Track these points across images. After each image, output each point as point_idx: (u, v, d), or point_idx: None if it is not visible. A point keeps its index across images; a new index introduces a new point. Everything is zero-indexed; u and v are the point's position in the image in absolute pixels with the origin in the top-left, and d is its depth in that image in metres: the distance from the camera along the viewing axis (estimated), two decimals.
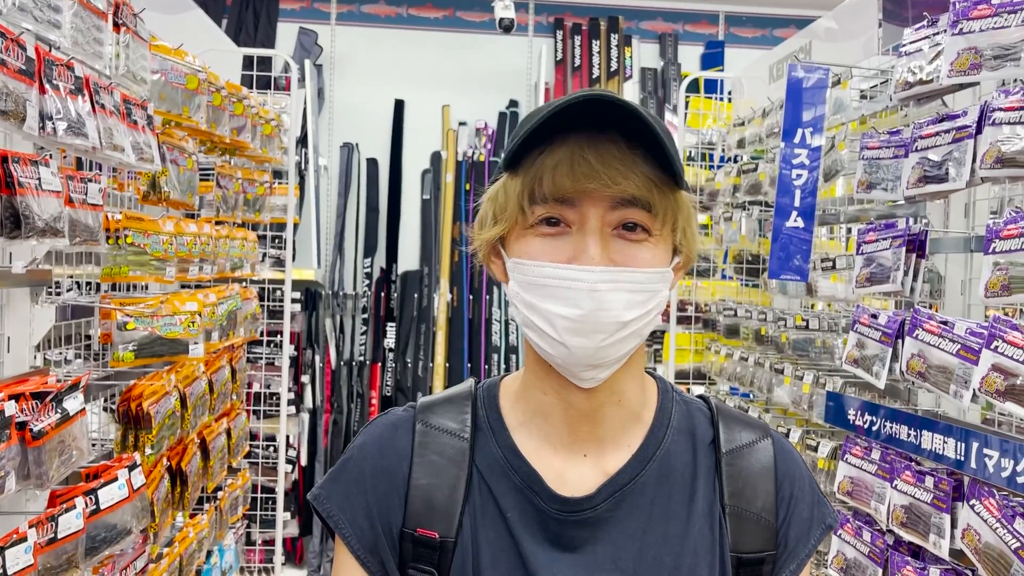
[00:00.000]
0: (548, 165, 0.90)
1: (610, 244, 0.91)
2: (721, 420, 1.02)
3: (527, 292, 0.93)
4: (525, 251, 0.93)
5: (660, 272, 0.93)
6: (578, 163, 0.88)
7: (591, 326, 0.90)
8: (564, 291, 0.90)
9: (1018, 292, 1.62)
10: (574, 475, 0.98)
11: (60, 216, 1.56)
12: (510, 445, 0.99)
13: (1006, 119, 1.70)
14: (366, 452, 1.02)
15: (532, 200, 0.91)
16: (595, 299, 0.89)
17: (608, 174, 0.88)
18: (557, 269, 0.90)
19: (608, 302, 0.89)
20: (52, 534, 1.55)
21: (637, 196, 0.89)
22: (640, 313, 0.91)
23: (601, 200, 0.90)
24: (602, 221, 0.90)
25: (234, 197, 2.97)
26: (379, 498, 0.99)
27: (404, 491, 0.98)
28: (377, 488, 1.00)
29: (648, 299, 0.92)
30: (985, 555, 1.66)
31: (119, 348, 2.06)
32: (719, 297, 3.79)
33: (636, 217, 0.91)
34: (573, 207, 0.90)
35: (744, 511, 0.98)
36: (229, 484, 3.11)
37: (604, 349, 0.91)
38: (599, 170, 0.88)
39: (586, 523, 0.96)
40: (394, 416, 1.05)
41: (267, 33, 5.33)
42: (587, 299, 0.89)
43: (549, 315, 0.91)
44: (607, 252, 0.90)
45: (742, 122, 3.41)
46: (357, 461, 1.02)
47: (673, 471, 0.99)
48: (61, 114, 1.52)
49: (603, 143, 0.88)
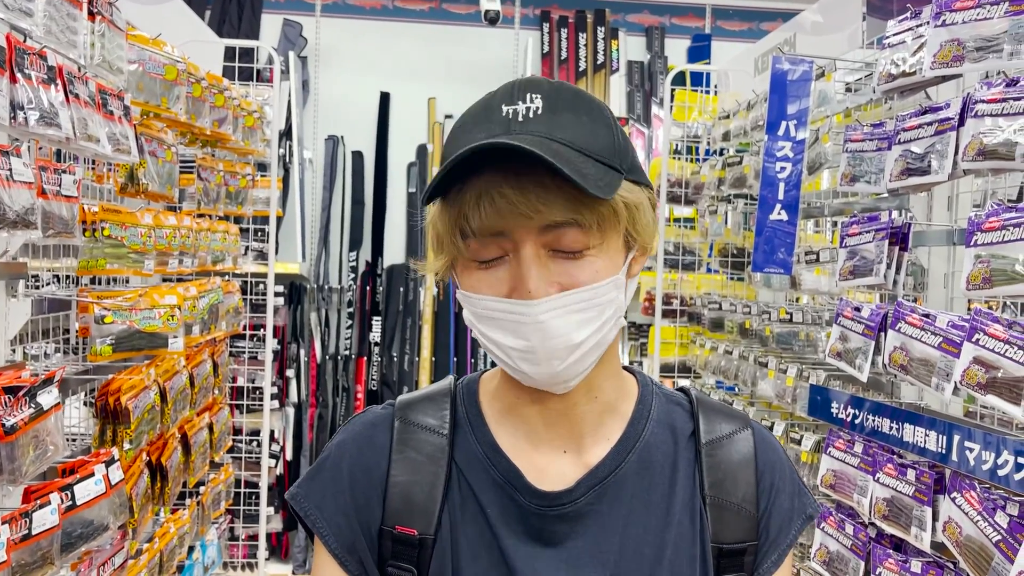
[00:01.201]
0: (469, 202, 0.88)
1: (549, 266, 0.89)
2: (701, 411, 1.02)
3: (478, 322, 0.92)
4: (469, 283, 0.92)
5: (610, 281, 0.91)
6: (497, 198, 0.86)
7: (543, 355, 0.89)
8: (510, 324, 0.89)
9: (999, 285, 1.62)
10: (554, 470, 0.97)
11: (33, 208, 1.53)
12: (489, 441, 0.99)
13: (988, 111, 1.69)
14: (344, 450, 1.01)
15: (463, 236, 0.89)
16: (541, 330, 0.88)
17: (528, 204, 0.86)
18: (500, 303, 0.89)
19: (555, 330, 0.88)
20: (26, 530, 1.53)
21: (562, 220, 0.87)
22: (594, 328, 0.90)
23: (529, 229, 0.88)
24: (536, 246, 0.88)
25: (216, 190, 2.95)
26: (357, 496, 0.98)
27: (383, 489, 0.97)
28: (355, 486, 0.99)
29: (600, 313, 0.90)
30: (966, 548, 1.66)
31: (97, 342, 2.03)
32: (704, 291, 3.79)
33: (569, 239, 0.88)
34: (505, 237, 0.89)
35: (725, 501, 0.98)
36: (212, 479, 3.09)
37: (564, 371, 0.90)
38: (517, 202, 0.86)
39: (566, 517, 0.95)
40: (372, 414, 1.04)
41: (251, 24, 5.28)
42: (533, 332, 0.88)
43: (501, 346, 0.90)
44: (547, 276, 0.88)
45: (727, 115, 3.40)
46: (335, 459, 1.01)
47: (653, 463, 0.98)
48: (33, 104, 1.50)
49: (521, 170, 0.86)
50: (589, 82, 5.47)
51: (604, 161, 0.89)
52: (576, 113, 0.90)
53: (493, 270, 0.90)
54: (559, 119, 0.89)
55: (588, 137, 0.89)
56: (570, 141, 0.87)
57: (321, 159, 5.37)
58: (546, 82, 0.92)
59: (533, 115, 0.88)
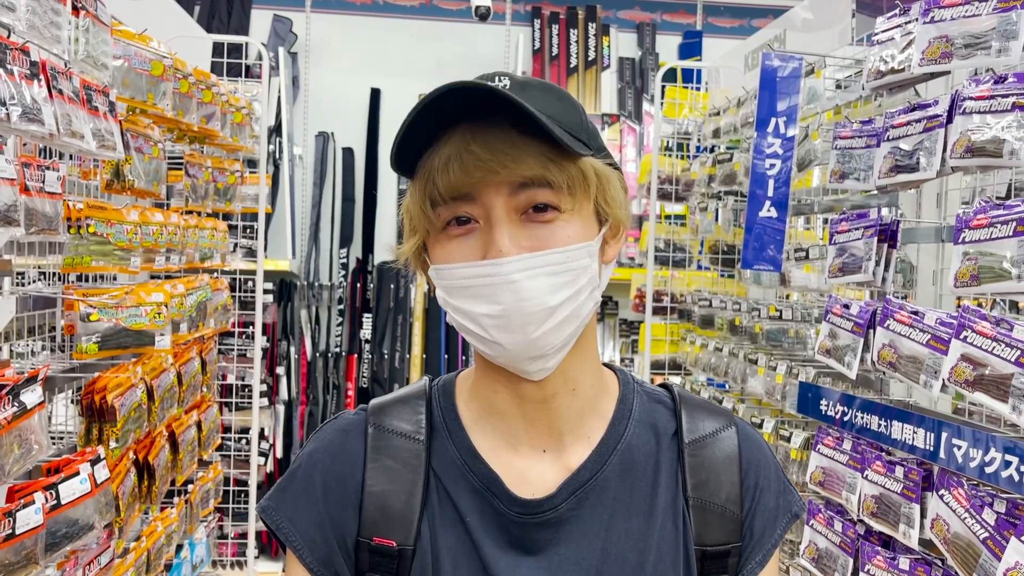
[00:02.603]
0: (438, 165, 0.87)
1: (521, 230, 0.87)
2: (684, 409, 1.00)
3: (451, 296, 0.90)
4: (441, 256, 0.90)
5: (584, 247, 0.89)
6: (465, 156, 0.85)
7: (518, 320, 0.86)
8: (483, 288, 0.87)
9: (987, 282, 1.62)
10: (534, 474, 0.95)
11: (15, 205, 1.52)
12: (467, 445, 0.96)
13: (976, 108, 1.69)
14: (316, 460, 0.98)
15: (433, 203, 0.88)
16: (514, 291, 0.86)
17: (497, 160, 0.85)
18: (471, 268, 0.88)
19: (529, 291, 0.86)
20: (10, 530, 1.52)
21: (532, 176, 0.86)
22: (569, 294, 0.88)
23: (499, 188, 0.86)
24: (507, 208, 0.87)
25: (204, 186, 2.93)
26: (331, 507, 0.96)
27: (358, 499, 0.95)
28: (329, 497, 0.96)
29: (575, 278, 0.88)
30: (954, 545, 1.66)
31: (82, 340, 2.02)
32: (694, 288, 3.79)
33: (540, 197, 0.87)
34: (474, 202, 0.87)
35: (708, 503, 0.96)
36: (200, 477, 3.08)
37: (540, 339, 0.88)
38: (487, 159, 0.85)
39: (548, 524, 0.93)
40: (344, 420, 1.01)
41: (241, 20, 5.26)
42: (506, 292, 0.86)
43: (474, 316, 0.88)
44: (519, 240, 0.87)
45: (718, 112, 3.40)
46: (307, 469, 0.98)
47: (635, 465, 0.96)
48: (15, 99, 1.48)
49: (489, 130, 0.85)
50: (580, 79, 5.46)
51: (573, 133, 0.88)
52: (546, 93, 0.90)
53: (464, 239, 0.89)
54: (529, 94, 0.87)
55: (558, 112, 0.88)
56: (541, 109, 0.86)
57: (311, 156, 5.35)
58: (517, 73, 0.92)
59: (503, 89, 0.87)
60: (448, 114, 0.87)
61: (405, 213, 0.94)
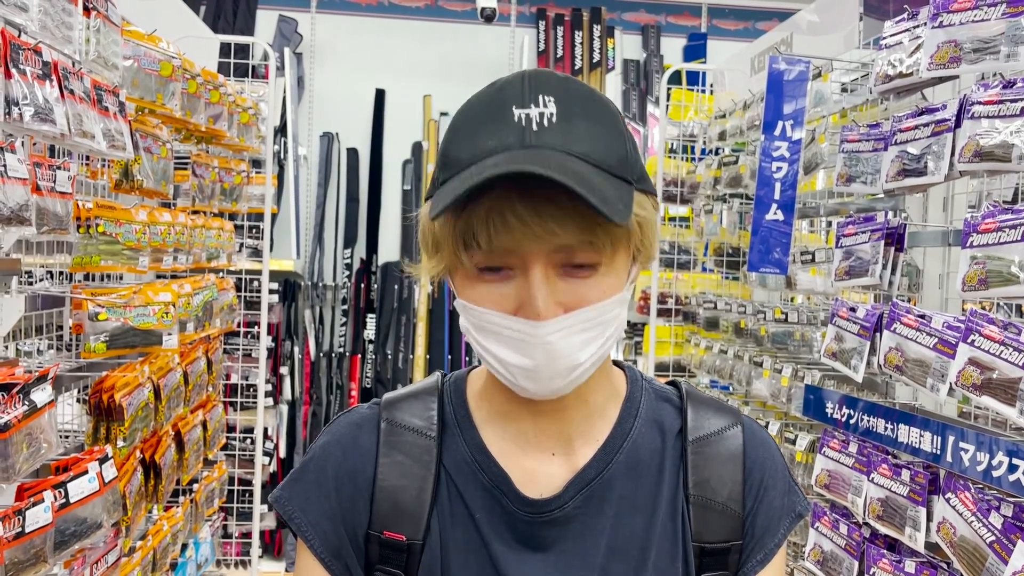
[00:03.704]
0: (478, 217, 0.83)
1: (557, 285, 0.86)
2: (690, 407, 1.00)
3: (478, 334, 0.89)
4: (471, 295, 0.88)
5: (616, 299, 0.89)
6: (509, 216, 0.82)
7: (547, 373, 0.87)
8: (515, 341, 0.86)
9: (995, 286, 1.62)
10: (543, 474, 0.96)
11: (27, 204, 1.52)
12: (478, 444, 0.97)
13: (985, 113, 1.70)
14: (329, 453, 0.99)
15: (467, 248, 0.86)
16: (547, 351, 0.85)
17: (542, 226, 0.82)
18: (505, 320, 0.86)
19: (561, 350, 0.86)
20: (19, 528, 1.52)
21: (577, 242, 0.84)
22: (598, 346, 0.88)
23: (541, 250, 0.84)
24: (546, 265, 0.85)
25: (210, 186, 2.94)
26: (343, 501, 0.97)
27: (370, 493, 0.96)
28: (341, 491, 0.97)
29: (603, 330, 0.88)
30: (960, 548, 1.66)
31: (91, 339, 2.02)
32: (699, 290, 3.79)
33: (581, 258, 0.85)
34: (513, 254, 0.85)
35: (708, 501, 0.96)
36: (205, 476, 3.09)
37: (562, 388, 0.89)
38: (532, 223, 0.82)
39: (555, 522, 0.94)
40: (357, 414, 1.02)
41: (246, 20, 5.27)
42: (539, 351, 0.85)
43: (502, 361, 0.88)
44: (555, 296, 0.85)
45: (723, 114, 3.40)
46: (319, 462, 0.99)
47: (640, 463, 0.97)
48: (28, 99, 1.49)
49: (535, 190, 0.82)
50: (585, 81, 5.47)
51: (617, 174, 0.86)
52: (591, 120, 0.87)
53: (497, 284, 0.87)
54: (574, 129, 0.85)
55: (604, 149, 0.86)
56: (587, 155, 0.84)
57: (316, 156, 5.36)
58: (556, 78, 0.88)
59: (548, 123, 0.84)
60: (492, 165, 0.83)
61: (428, 232, 0.90)
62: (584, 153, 0.84)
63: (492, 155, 0.83)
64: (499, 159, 0.82)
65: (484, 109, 0.88)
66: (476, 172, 0.82)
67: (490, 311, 0.87)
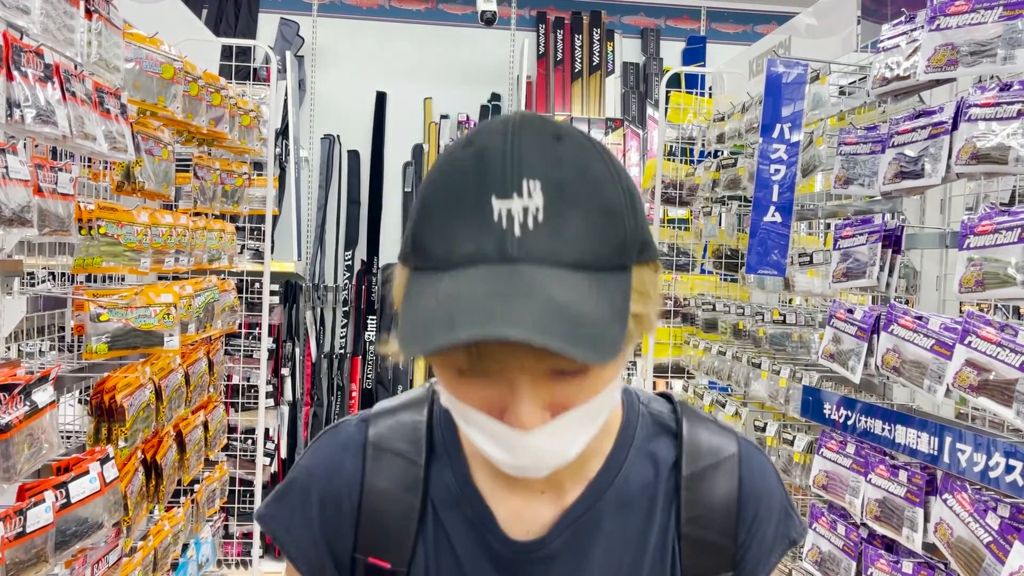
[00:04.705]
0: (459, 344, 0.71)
1: (545, 388, 0.77)
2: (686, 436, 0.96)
3: (461, 420, 0.82)
4: (453, 390, 0.80)
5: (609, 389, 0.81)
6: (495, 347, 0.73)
7: (532, 471, 0.81)
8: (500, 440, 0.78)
9: (991, 288, 1.63)
10: (530, 514, 0.93)
11: (29, 206, 1.53)
12: (465, 476, 0.94)
13: (982, 115, 1.70)
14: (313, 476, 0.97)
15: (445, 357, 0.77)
16: (534, 452, 0.79)
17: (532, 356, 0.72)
18: (489, 422, 0.78)
19: (549, 450, 0.79)
20: (20, 528, 1.53)
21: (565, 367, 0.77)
22: (587, 437, 0.82)
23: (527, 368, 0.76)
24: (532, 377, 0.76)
25: (212, 188, 2.95)
26: (326, 525, 0.95)
27: (355, 518, 0.94)
28: (325, 515, 0.95)
29: (594, 421, 0.82)
30: (957, 549, 1.67)
31: (92, 340, 2.03)
32: (698, 291, 3.80)
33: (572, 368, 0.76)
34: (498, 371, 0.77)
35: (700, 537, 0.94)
36: (206, 477, 3.10)
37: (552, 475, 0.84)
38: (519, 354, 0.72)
39: (539, 560, 0.92)
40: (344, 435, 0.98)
41: (248, 23, 5.28)
42: (524, 453, 0.79)
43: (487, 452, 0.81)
44: (542, 400, 0.77)
45: (722, 117, 3.41)
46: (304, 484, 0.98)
47: (631, 499, 0.94)
48: (29, 101, 1.50)
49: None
50: (584, 83, 5.48)
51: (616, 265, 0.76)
52: (584, 209, 0.74)
53: (481, 386, 0.78)
54: (564, 226, 0.73)
55: (598, 243, 0.74)
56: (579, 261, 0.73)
57: (317, 158, 5.37)
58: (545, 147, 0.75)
59: (533, 223, 0.72)
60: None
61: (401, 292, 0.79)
62: (576, 260, 0.73)
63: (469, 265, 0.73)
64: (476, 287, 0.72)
65: (461, 191, 0.75)
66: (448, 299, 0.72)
67: (472, 409, 0.79)
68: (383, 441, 0.95)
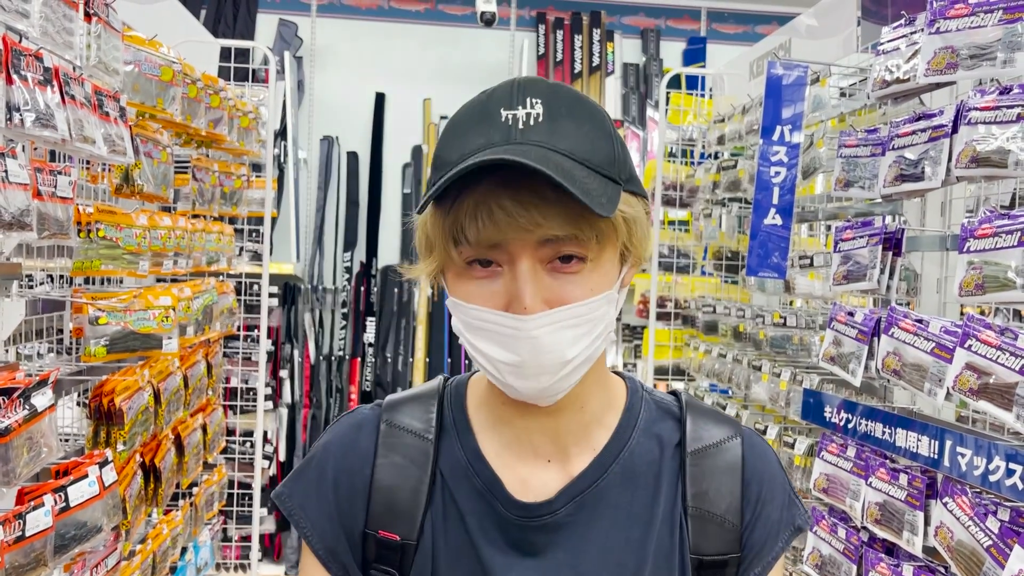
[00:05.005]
0: (466, 211, 0.85)
1: (544, 280, 0.87)
2: (690, 419, 1.00)
3: (468, 332, 0.91)
4: (461, 292, 0.90)
5: (603, 296, 0.90)
6: (496, 210, 0.84)
7: (533, 370, 0.88)
8: (502, 337, 0.87)
9: (992, 291, 1.63)
10: (537, 481, 0.97)
11: (28, 209, 1.53)
12: (474, 448, 0.98)
13: (982, 119, 1.70)
14: (329, 452, 1.01)
15: (457, 243, 0.87)
16: (534, 345, 0.86)
17: (528, 217, 0.84)
18: (493, 315, 0.88)
19: (548, 345, 0.87)
20: (20, 532, 1.53)
21: (562, 235, 0.86)
22: (586, 344, 0.89)
23: (526, 242, 0.86)
24: (533, 260, 0.86)
25: (211, 190, 2.94)
26: (341, 500, 0.99)
27: (367, 492, 0.97)
28: (339, 490, 0.99)
29: (592, 327, 0.89)
30: (957, 552, 1.67)
31: (91, 343, 2.03)
32: (698, 293, 3.80)
33: (568, 250, 0.87)
34: (500, 249, 0.87)
35: (707, 513, 0.96)
36: (205, 480, 3.09)
37: (552, 386, 0.89)
38: (517, 215, 0.84)
39: (546, 528, 0.95)
40: (359, 415, 1.04)
41: (246, 24, 5.28)
42: (525, 346, 0.87)
43: (491, 359, 0.89)
44: (542, 292, 0.87)
45: (722, 119, 3.41)
46: (320, 461, 1.02)
47: (637, 474, 0.97)
48: (29, 105, 1.50)
49: (520, 182, 0.84)
50: (584, 84, 5.48)
51: (604, 173, 0.88)
52: (577, 121, 0.88)
53: (487, 281, 0.89)
54: (560, 127, 0.87)
55: (589, 148, 0.87)
56: (571, 152, 0.86)
57: (316, 160, 5.37)
58: (545, 84, 0.90)
59: (534, 122, 0.86)
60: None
61: (422, 233, 0.93)
62: (569, 150, 0.85)
63: (479, 152, 0.85)
64: (484, 154, 0.84)
65: (473, 113, 0.90)
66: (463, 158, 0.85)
67: (479, 307, 0.88)
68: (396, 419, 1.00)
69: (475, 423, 1.00)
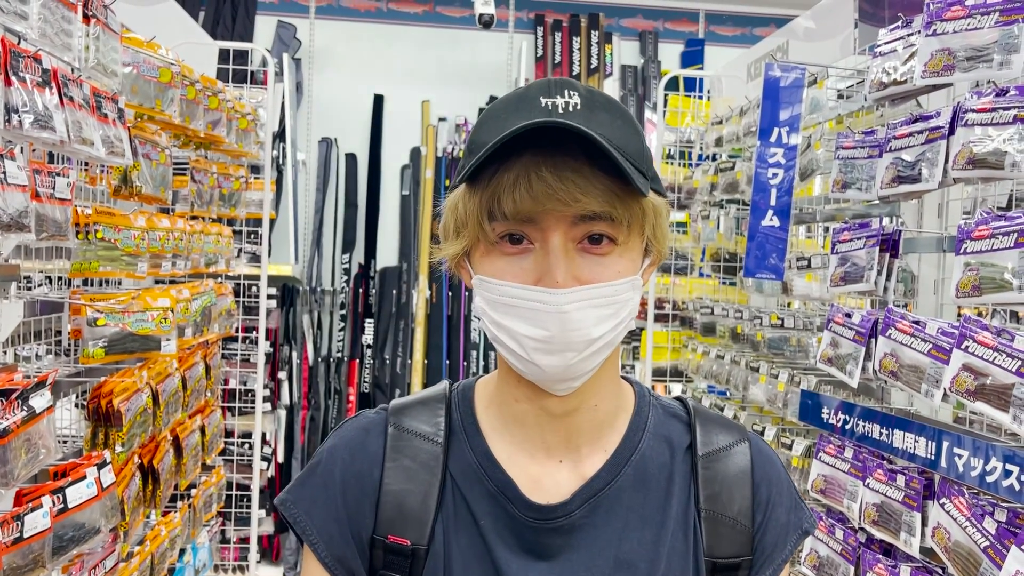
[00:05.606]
0: (505, 184, 0.86)
1: (575, 260, 0.89)
2: (698, 423, 1.01)
3: (493, 310, 0.91)
4: (490, 269, 0.91)
5: (629, 281, 0.91)
6: (535, 182, 0.85)
7: (560, 346, 0.88)
8: (531, 312, 0.88)
9: (988, 293, 1.63)
10: (550, 481, 0.96)
11: (26, 211, 1.53)
12: (484, 450, 0.97)
13: (978, 120, 1.71)
14: (336, 456, 1.00)
15: (491, 218, 0.88)
16: (563, 320, 0.87)
17: (566, 191, 0.85)
18: (523, 290, 0.88)
19: (576, 321, 0.87)
20: (18, 533, 1.53)
21: (598, 212, 0.87)
22: (611, 325, 0.90)
23: (562, 218, 0.87)
24: (565, 237, 0.88)
25: (209, 192, 2.95)
26: (349, 504, 0.97)
27: (375, 497, 0.96)
28: (347, 494, 0.97)
29: (618, 311, 0.90)
30: (955, 553, 1.67)
31: (89, 344, 2.03)
32: (696, 295, 3.80)
33: (600, 229, 0.88)
34: (534, 224, 0.88)
35: (720, 515, 0.97)
36: (203, 482, 3.09)
37: (576, 365, 0.90)
38: (556, 188, 0.85)
39: (560, 530, 0.94)
40: (365, 419, 1.02)
41: (245, 26, 5.28)
42: (555, 320, 0.87)
43: (516, 335, 0.89)
44: (572, 269, 0.88)
45: (720, 120, 3.42)
46: (327, 465, 1.00)
47: (649, 476, 0.97)
48: (28, 107, 1.50)
49: (560, 157, 0.85)
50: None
51: (635, 163, 0.89)
52: (612, 114, 0.90)
53: (517, 258, 0.89)
54: (597, 116, 0.88)
55: (623, 139, 0.89)
56: (608, 138, 0.87)
57: (314, 161, 5.37)
58: (579, 83, 0.92)
59: (573, 109, 0.88)
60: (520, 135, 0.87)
61: (451, 213, 0.94)
62: (606, 136, 0.86)
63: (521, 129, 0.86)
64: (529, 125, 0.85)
65: (512, 101, 0.91)
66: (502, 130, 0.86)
67: (508, 283, 0.89)
68: (404, 423, 0.99)
69: (484, 424, 0.99)
